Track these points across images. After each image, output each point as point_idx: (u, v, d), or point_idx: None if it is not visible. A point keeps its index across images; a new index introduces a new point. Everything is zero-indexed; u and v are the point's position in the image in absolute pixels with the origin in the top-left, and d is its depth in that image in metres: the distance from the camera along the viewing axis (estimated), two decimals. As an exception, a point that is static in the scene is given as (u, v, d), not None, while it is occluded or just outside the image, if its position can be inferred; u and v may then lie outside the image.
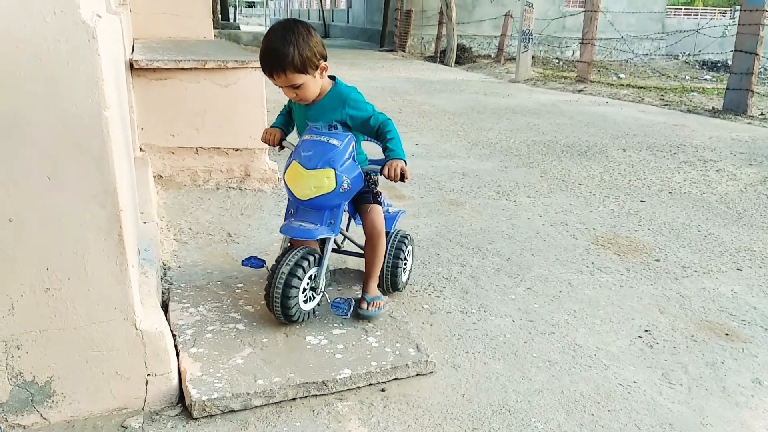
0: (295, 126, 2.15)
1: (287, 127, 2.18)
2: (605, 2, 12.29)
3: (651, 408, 1.74)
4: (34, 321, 1.46)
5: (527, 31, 10.94)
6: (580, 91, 9.24)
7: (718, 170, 4.50)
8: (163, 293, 2.16)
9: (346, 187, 1.90)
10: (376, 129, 1.96)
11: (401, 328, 1.99)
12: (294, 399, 1.68)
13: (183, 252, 2.68)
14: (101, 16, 1.42)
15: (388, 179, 1.89)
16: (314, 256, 1.92)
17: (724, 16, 25.32)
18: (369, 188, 2.08)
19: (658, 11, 19.40)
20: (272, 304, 1.86)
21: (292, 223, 1.94)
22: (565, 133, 5.79)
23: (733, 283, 2.60)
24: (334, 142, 1.90)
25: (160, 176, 3.52)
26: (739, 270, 2.75)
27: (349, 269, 2.44)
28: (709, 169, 4.52)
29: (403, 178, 1.88)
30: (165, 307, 2.04)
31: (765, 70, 11.82)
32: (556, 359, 1.96)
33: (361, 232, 2.12)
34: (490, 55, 15.20)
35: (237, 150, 3.58)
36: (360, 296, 2.09)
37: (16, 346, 1.46)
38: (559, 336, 2.11)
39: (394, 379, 1.79)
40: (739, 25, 7.37)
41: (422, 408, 1.69)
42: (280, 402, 1.67)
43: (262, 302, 2.02)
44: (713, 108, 7.64)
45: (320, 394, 1.70)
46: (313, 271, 1.92)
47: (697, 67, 16.92)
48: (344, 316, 1.95)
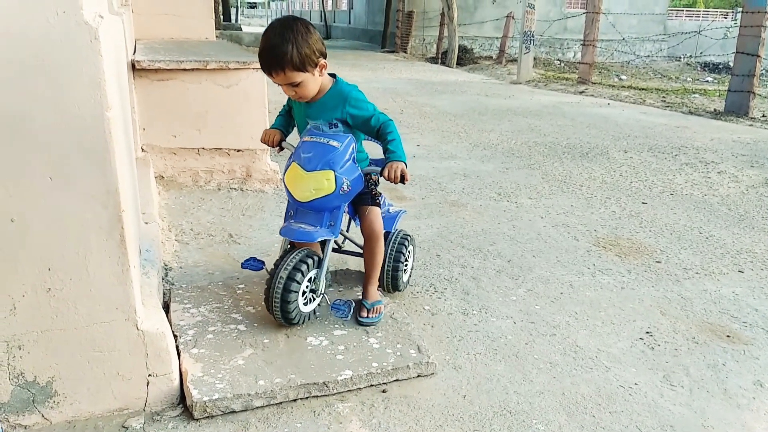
0: (296, 125, 2.14)
1: (287, 128, 2.18)
2: (607, 4, 12.30)
3: (652, 410, 1.73)
4: (35, 321, 1.46)
5: (529, 33, 10.94)
6: (581, 93, 9.23)
7: (720, 172, 4.50)
8: (164, 294, 2.17)
9: (346, 188, 1.89)
10: (377, 129, 1.94)
11: (402, 330, 1.99)
12: (295, 400, 1.68)
13: (184, 253, 2.68)
14: (104, 17, 1.43)
15: (388, 181, 1.89)
16: (314, 259, 1.91)
17: (726, 18, 25.33)
18: (369, 189, 2.07)
19: (660, 13, 19.41)
20: (272, 308, 1.86)
21: (292, 225, 1.93)
22: (567, 135, 5.79)
23: (735, 285, 2.60)
24: (334, 143, 1.89)
25: (162, 177, 3.52)
26: (741, 272, 2.75)
27: (350, 270, 2.44)
28: (711, 171, 4.52)
29: (403, 180, 1.87)
30: (166, 308, 2.04)
31: (767, 71, 11.81)
32: (558, 361, 1.96)
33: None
34: (492, 57, 15.18)
35: (238, 151, 3.59)
36: (361, 298, 2.08)
37: (18, 347, 1.47)
38: (561, 337, 2.11)
39: (395, 381, 1.79)
40: (741, 26, 7.36)
41: (423, 409, 1.69)
42: (281, 403, 1.67)
43: (263, 303, 2.03)
44: (715, 110, 7.63)
45: (321, 395, 1.70)
46: (312, 274, 1.92)
47: (699, 69, 16.90)
48: (344, 318, 1.95)
